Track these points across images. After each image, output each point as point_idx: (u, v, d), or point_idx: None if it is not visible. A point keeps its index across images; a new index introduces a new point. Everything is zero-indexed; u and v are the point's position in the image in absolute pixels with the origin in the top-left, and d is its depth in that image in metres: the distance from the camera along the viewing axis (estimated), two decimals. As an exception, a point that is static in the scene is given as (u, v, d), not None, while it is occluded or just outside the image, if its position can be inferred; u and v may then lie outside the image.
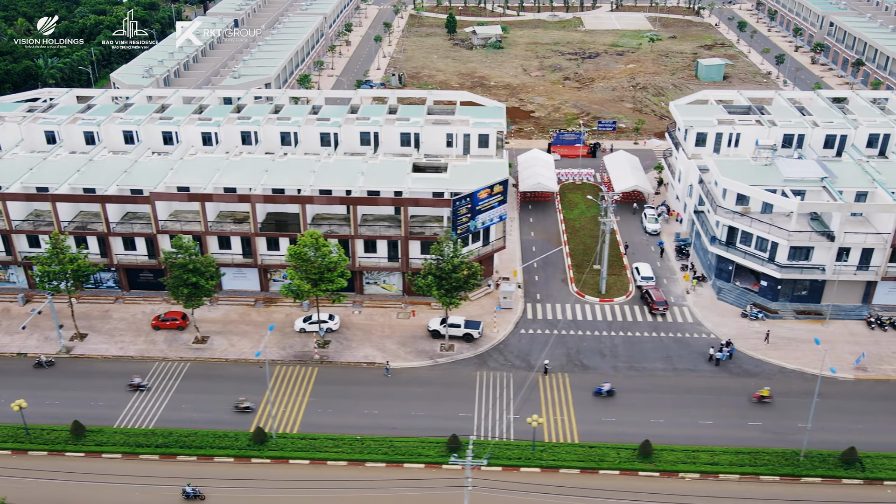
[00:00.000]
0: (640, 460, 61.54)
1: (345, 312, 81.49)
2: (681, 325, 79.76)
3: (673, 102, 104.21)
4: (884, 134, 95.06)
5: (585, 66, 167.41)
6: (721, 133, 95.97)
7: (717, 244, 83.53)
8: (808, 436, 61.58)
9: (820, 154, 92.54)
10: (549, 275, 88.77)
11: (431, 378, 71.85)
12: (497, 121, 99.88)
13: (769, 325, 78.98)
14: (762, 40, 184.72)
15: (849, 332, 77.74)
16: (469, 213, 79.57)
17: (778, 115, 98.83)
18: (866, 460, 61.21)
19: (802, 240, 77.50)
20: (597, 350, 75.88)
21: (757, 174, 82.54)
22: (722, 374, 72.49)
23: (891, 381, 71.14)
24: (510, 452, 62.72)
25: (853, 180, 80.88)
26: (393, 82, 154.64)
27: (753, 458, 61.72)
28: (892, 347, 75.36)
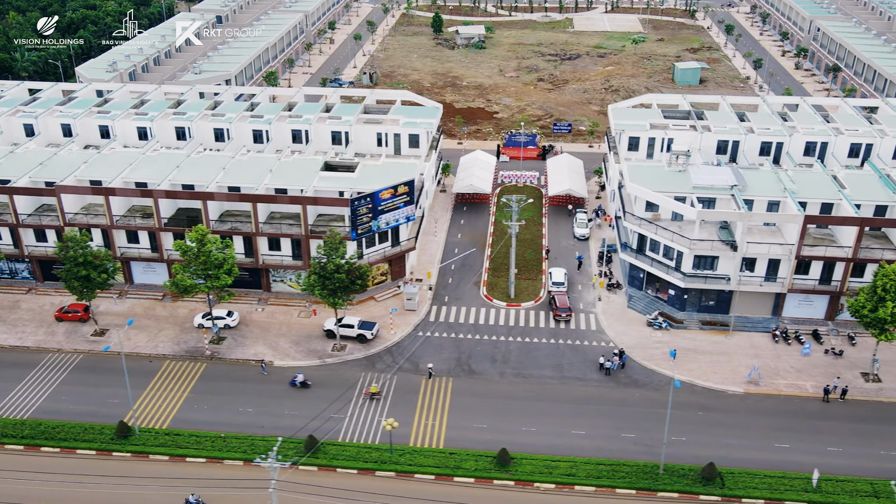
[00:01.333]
0: (496, 469, 60.60)
1: (248, 309, 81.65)
2: (582, 332, 78.46)
3: (611, 106, 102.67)
4: (821, 142, 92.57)
5: (563, 67, 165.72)
6: (654, 138, 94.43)
7: (628, 251, 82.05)
8: (665, 450, 60.24)
9: (753, 161, 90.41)
10: (465, 277, 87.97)
11: (315, 378, 71.58)
12: (429, 121, 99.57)
13: (672, 335, 77.34)
14: (751, 44, 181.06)
15: (751, 345, 75.79)
16: (370, 214, 79.14)
17: (715, 121, 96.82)
18: (728, 476, 59.56)
19: (705, 248, 75.73)
20: (489, 355, 74.99)
21: (669, 180, 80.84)
22: (609, 384, 71.15)
23: (780, 397, 69.15)
24: (368, 455, 62.24)
25: (766, 189, 78.74)
26: (364, 81, 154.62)
27: (613, 470, 60.42)
28: (790, 361, 73.31)
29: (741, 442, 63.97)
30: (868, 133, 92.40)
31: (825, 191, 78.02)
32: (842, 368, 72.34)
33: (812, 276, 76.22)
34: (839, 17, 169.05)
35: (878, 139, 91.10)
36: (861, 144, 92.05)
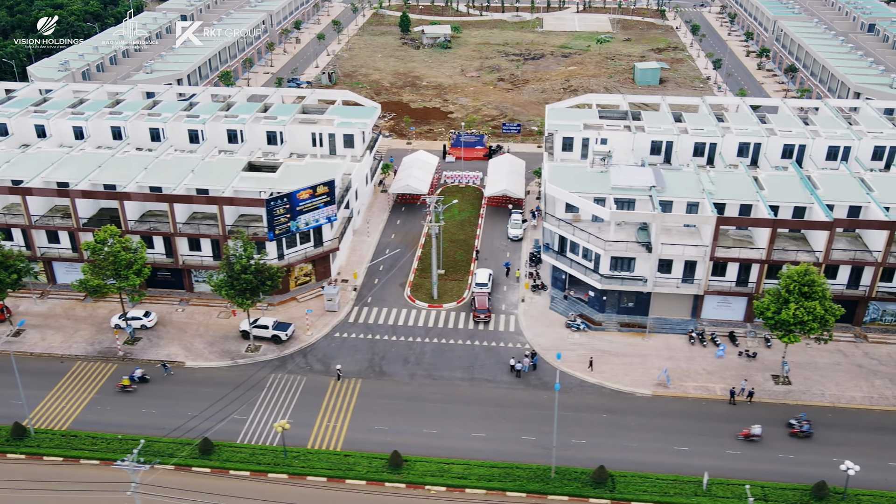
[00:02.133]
0: (389, 471, 60.24)
1: (169, 310, 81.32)
2: (500, 334, 78.08)
3: (549, 106, 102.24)
4: (754, 143, 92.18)
5: (525, 67, 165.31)
6: (588, 138, 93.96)
7: (550, 252, 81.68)
8: (555, 453, 59.89)
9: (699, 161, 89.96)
10: (392, 278, 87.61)
11: (224, 379, 71.26)
12: (364, 121, 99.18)
13: (589, 336, 76.98)
14: (718, 44, 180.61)
15: (667, 347, 75.40)
16: (288, 214, 78.77)
17: (651, 121, 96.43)
18: (620, 480, 59.19)
19: (620, 250, 75.32)
20: (403, 357, 74.63)
21: (590, 181, 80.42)
22: (519, 386, 70.77)
23: (688, 399, 68.76)
24: (262, 457, 61.90)
25: (685, 191, 78.31)
26: (323, 81, 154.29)
27: (505, 473, 60.06)
28: (703, 364, 72.91)
29: (641, 445, 63.57)
30: (801, 134, 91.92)
31: (744, 192, 77.55)
32: (754, 371, 71.94)
33: (729, 278, 75.80)
34: (803, 17, 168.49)
35: (811, 140, 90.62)
36: (794, 145, 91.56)
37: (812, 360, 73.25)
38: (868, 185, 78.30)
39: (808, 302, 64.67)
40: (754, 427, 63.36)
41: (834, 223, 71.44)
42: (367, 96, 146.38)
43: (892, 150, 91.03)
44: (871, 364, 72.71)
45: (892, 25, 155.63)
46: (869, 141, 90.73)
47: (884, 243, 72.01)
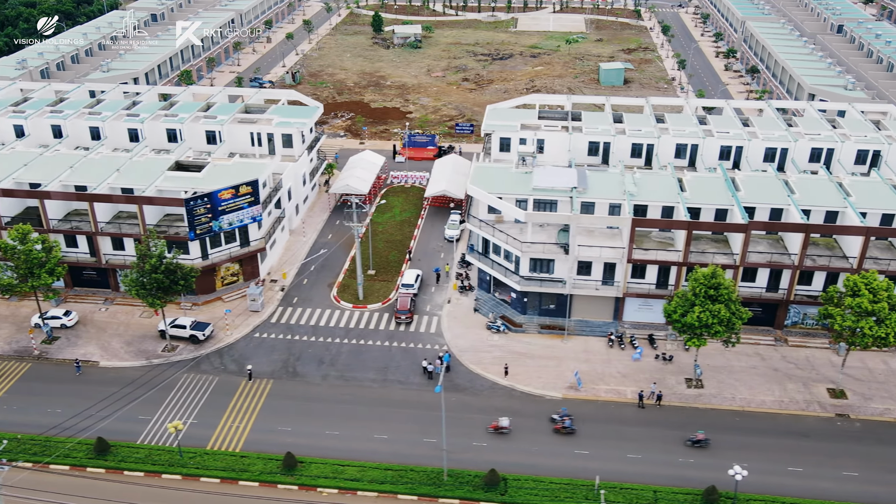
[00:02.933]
0: (282, 473, 59.94)
1: (92, 309, 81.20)
2: (420, 335, 77.71)
3: (490, 106, 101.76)
4: (691, 144, 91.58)
5: (492, 67, 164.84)
6: (525, 139, 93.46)
7: (475, 253, 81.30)
8: (445, 455, 59.50)
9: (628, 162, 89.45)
10: (321, 278, 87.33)
11: (135, 379, 71.00)
12: (303, 121, 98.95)
13: (509, 338, 76.56)
14: (690, 45, 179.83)
15: (585, 349, 74.94)
16: (210, 214, 78.53)
17: (590, 122, 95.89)
18: (514, 483, 58.78)
19: (537, 251, 74.86)
20: (318, 357, 74.34)
21: (514, 182, 79.95)
22: (429, 388, 70.33)
23: (598, 402, 68.27)
24: (159, 457, 61.66)
25: (608, 192, 77.77)
26: (287, 80, 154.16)
27: (399, 475, 59.70)
28: (619, 367, 72.42)
29: (542, 448, 63.16)
30: (739, 136, 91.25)
31: (666, 194, 76.96)
32: (669, 374, 71.43)
33: (648, 281, 75.28)
34: (772, 18, 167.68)
35: (748, 142, 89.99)
36: (731, 147, 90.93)
37: (729, 364, 72.69)
38: (791, 188, 77.63)
39: (713, 305, 64.08)
40: (502, 419, 63.86)
41: (749, 225, 70.88)
42: (330, 96, 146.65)
43: (830, 152, 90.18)
44: (788, 368, 72.12)
45: (858, 27, 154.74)
46: (806, 143, 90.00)
47: (800, 246, 71.38)
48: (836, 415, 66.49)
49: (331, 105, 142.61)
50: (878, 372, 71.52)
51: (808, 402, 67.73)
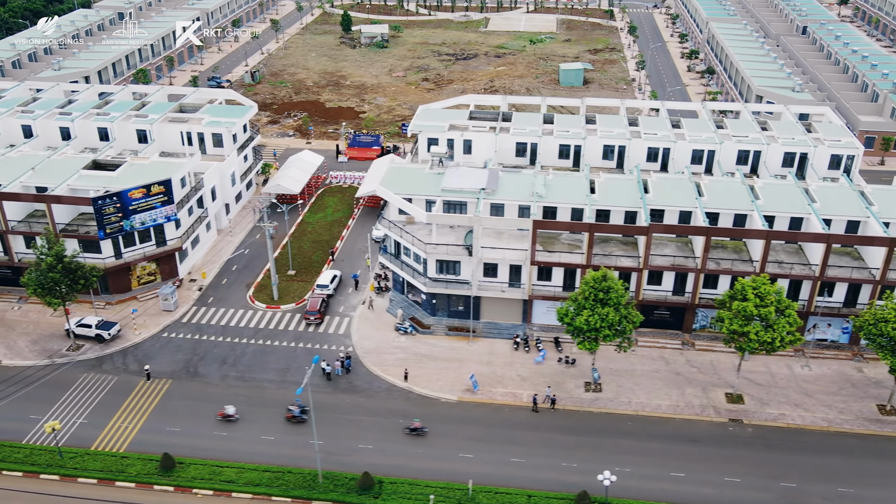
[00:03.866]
0: (160, 474, 59.74)
1: (5, 308, 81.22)
2: (328, 336, 77.47)
3: (422, 106, 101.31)
4: (618, 145, 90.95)
5: (454, 67, 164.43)
6: (452, 139, 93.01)
7: (387, 255, 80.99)
8: (318, 457, 59.14)
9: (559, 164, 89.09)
10: (241, 278, 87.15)
11: (35, 378, 70.91)
12: (233, 120, 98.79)
13: (415, 340, 76.21)
14: (658, 46, 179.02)
15: (489, 352, 74.51)
16: (120, 213, 78.42)
17: (519, 123, 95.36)
18: (388, 486, 58.42)
19: (441, 253, 74.47)
20: (222, 358, 74.13)
21: (424, 183, 79.56)
22: (326, 389, 70.10)
23: (492, 405, 67.85)
24: (39, 458, 61.53)
25: (518, 194, 77.28)
26: (246, 79, 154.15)
27: (276, 477, 59.45)
28: (520, 369, 71.97)
29: (427, 451, 62.80)
30: (666, 137, 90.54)
31: (575, 196, 76.41)
32: (569, 377, 70.97)
33: (555, 283, 74.78)
34: (736, 18, 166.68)
35: (674, 143, 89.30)
36: (658, 149, 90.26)
37: (632, 368, 72.18)
38: (700, 190, 77.01)
39: (602, 308, 63.58)
40: (228, 407, 64.66)
41: (650, 228, 70.32)
42: (287, 95, 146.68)
43: (757, 154, 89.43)
44: (690, 372, 71.54)
45: (820, 28, 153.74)
46: (733, 145, 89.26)
47: (701, 249, 70.81)
48: (730, 420, 65.90)
49: (286, 104, 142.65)
50: (781, 377, 70.88)
51: (703, 407, 67.15)
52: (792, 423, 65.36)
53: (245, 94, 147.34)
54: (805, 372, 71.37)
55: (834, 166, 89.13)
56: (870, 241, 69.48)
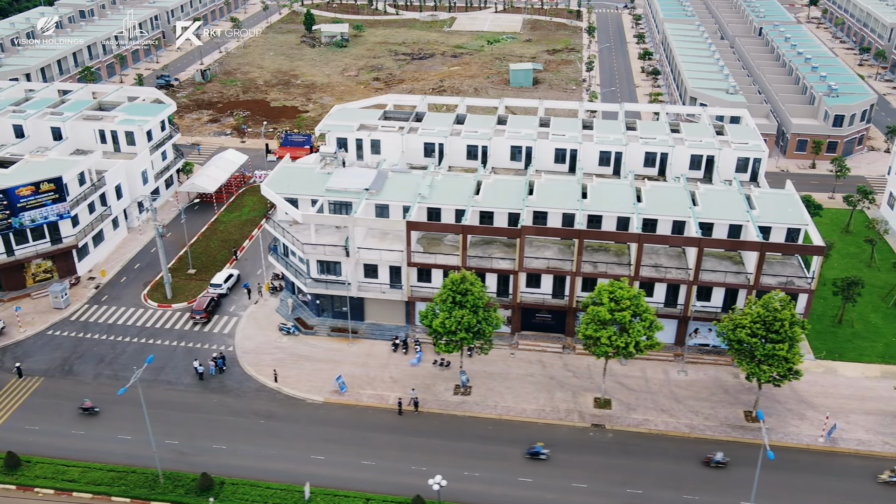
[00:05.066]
0: (3, 472, 59.70)
1: None
2: (212, 335, 77.26)
3: (338, 105, 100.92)
4: (525, 147, 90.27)
5: (408, 67, 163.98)
6: (361, 139, 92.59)
7: (276, 254, 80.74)
8: (158, 456, 58.95)
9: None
10: (141, 276, 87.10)
11: None
12: (147, 119, 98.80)
13: (296, 341, 75.91)
14: (620, 46, 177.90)
15: (367, 353, 74.10)
16: (8, 211, 78.53)
17: (429, 123, 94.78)
18: (229, 486, 58.12)
19: (319, 253, 74.12)
20: (100, 356, 74.04)
21: (312, 183, 79.18)
22: (196, 389, 69.94)
23: (358, 407, 67.46)
24: None
25: (402, 194, 76.73)
26: (196, 78, 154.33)
27: (118, 477, 59.32)
28: (394, 371, 71.55)
29: (280, 452, 62.53)
30: (573, 139, 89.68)
31: (459, 197, 75.79)
32: (441, 380, 70.46)
33: (434, 285, 74.25)
34: (690, 19, 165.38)
35: (580, 145, 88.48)
36: (566, 150, 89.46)
37: (507, 371, 71.59)
38: (586, 193, 76.21)
39: (458, 310, 63.04)
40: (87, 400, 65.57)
41: (522, 230, 69.70)
42: (235, 94, 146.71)
43: (664, 157, 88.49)
44: (565, 376, 70.86)
45: (773, 30, 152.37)
46: (639, 147, 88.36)
47: (576, 252, 70.13)
48: (592, 425, 65.20)
49: (232, 103, 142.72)
50: (655, 382, 70.09)
51: (569, 412, 66.47)
52: (654, 428, 64.55)
53: (194, 92, 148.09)
54: (680, 377, 70.54)
55: (741, 169, 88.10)
56: (741, 245, 68.52)
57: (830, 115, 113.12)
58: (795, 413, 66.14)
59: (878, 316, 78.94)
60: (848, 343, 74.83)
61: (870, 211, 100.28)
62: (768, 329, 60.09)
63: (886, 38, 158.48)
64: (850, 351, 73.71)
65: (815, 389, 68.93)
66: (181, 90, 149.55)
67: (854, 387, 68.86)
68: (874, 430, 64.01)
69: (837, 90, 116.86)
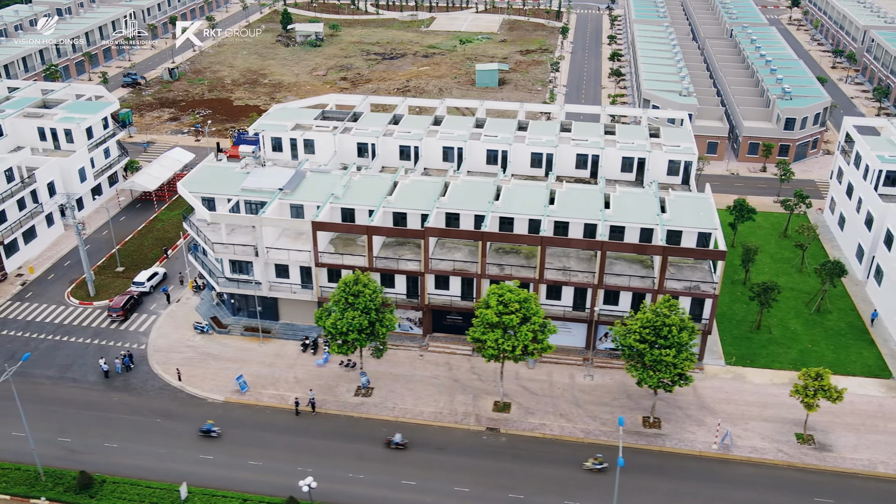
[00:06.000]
0: None
1: None
2: (127, 333, 77.47)
3: (279, 105, 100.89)
4: (457, 147, 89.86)
5: (378, 67, 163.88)
6: (295, 139, 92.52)
7: (195, 253, 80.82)
8: (36, 453, 59.00)
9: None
10: (69, 274, 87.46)
11: None
12: (85, 116, 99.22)
13: (209, 340, 75.96)
14: (594, 47, 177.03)
15: (276, 353, 74.01)
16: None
17: (363, 123, 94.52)
18: (110, 485, 58.18)
19: (229, 253, 74.10)
20: (11, 353, 74.28)
21: (229, 182, 79.18)
22: (99, 387, 70.15)
23: (256, 407, 67.42)
24: None
25: (316, 195, 76.51)
26: (164, 76, 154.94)
27: (1, 474, 59.41)
28: (300, 372, 71.45)
29: (168, 452, 62.53)
30: (506, 140, 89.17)
31: (373, 198, 75.46)
32: (345, 381, 70.27)
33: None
34: (662, 20, 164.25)
35: (510, 147, 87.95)
36: (497, 151, 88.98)
37: (412, 373, 71.30)
38: (497, 195, 75.73)
39: (350, 311, 62.82)
40: None
41: (426, 231, 69.34)
42: (200, 93, 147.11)
43: (595, 158, 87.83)
44: (470, 379, 70.45)
45: (742, 32, 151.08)
46: (570, 148, 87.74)
47: (479, 254, 69.70)
48: (487, 428, 64.76)
49: (196, 102, 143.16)
50: (559, 386, 69.57)
51: (466, 415, 66.07)
52: (549, 433, 64.03)
53: (160, 90, 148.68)
54: (586, 382, 69.95)
55: (673, 172, 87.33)
56: (642, 249, 67.87)
57: (782, 118, 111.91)
58: (695, 419, 65.37)
59: (799, 322, 77.94)
60: (762, 349, 73.93)
61: (813, 214, 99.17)
62: (657, 334, 59.42)
63: (860, 40, 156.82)
64: (763, 357, 72.82)
65: (719, 396, 68.14)
66: (148, 88, 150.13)
67: (759, 393, 68.01)
68: (770, 438, 63.17)
69: (791, 93, 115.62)
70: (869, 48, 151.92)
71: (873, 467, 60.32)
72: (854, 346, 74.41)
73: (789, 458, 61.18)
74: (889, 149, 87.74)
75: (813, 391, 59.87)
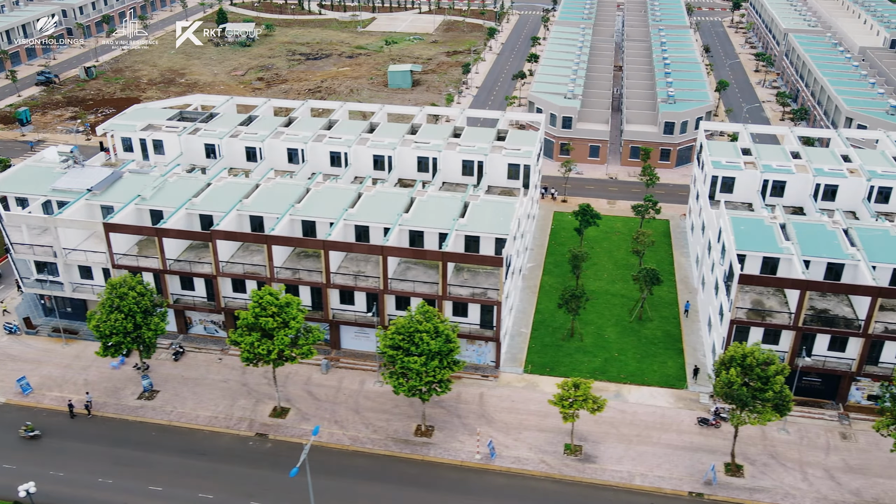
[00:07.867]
0: None
1: None
2: (-60, 333, 77.25)
3: (138, 105, 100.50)
4: (301, 149, 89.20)
5: (299, 67, 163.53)
6: (144, 139, 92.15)
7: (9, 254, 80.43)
8: None
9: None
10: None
11: None
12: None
13: (15, 340, 75.75)
14: (524, 49, 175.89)
15: (76, 355, 73.79)
16: None
17: (215, 125, 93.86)
18: None
19: (30, 253, 73.72)
20: None
21: (44, 182, 78.70)
22: None
23: (35, 409, 67.13)
24: None
25: (125, 196, 75.95)
26: (81, 75, 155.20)
27: None
28: (93, 374, 70.89)
29: (-69, 454, 62.04)
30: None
31: (179, 199, 74.81)
32: (132, 384, 69.74)
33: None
34: (581, 21, 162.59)
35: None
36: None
37: (204, 376, 70.87)
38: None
39: (114, 314, 62.21)
40: None
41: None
42: (111, 92, 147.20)
43: (435, 161, 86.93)
44: (259, 384, 69.90)
45: (657, 34, 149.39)
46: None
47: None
48: (256, 434, 64.02)
49: (104, 101, 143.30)
50: (346, 391, 68.92)
51: (240, 420, 65.39)
52: (316, 440, 63.02)
53: (73, 89, 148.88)
54: (375, 388, 69.08)
55: (513, 175, 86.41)
56: (422, 254, 66.87)
57: (661, 122, 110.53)
58: (469, 428, 64.34)
59: (616, 330, 76.70)
60: (567, 357, 72.77)
61: (677, 220, 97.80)
62: (411, 341, 58.48)
63: (781, 43, 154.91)
64: (564, 366, 71.64)
65: (504, 405, 67.08)
66: (61, 87, 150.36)
67: (544, 403, 66.77)
68: (538, 449, 62.06)
69: (675, 96, 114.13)
70: (787, 52, 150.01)
71: (630, 479, 59.11)
72: (662, 355, 73.13)
73: (548, 470, 60.07)
74: (731, 155, 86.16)
75: (570, 402, 58.68)
